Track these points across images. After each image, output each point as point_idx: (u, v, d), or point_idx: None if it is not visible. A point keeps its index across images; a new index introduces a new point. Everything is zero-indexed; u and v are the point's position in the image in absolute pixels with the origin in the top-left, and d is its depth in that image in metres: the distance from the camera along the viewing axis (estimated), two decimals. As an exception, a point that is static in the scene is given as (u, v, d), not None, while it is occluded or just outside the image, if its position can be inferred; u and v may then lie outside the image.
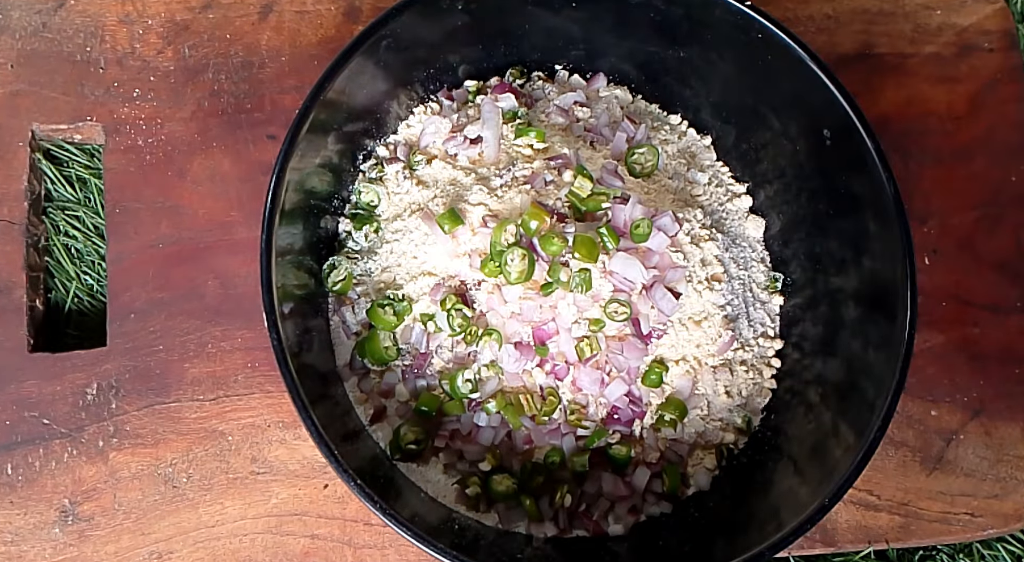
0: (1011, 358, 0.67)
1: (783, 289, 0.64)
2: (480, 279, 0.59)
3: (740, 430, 0.61)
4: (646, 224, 0.58)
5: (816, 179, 0.61)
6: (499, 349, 0.58)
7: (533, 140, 0.61)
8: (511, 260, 0.57)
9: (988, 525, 0.64)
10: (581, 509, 0.59)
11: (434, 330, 0.59)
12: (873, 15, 0.73)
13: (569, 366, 0.59)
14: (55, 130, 0.68)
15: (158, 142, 0.67)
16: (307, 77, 0.68)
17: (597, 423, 0.60)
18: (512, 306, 0.58)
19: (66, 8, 0.69)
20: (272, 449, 0.63)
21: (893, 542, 0.64)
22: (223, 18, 0.69)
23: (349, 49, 0.56)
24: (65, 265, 0.69)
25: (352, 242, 0.62)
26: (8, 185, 0.66)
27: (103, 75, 0.68)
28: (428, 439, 0.59)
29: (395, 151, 0.64)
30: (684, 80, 0.65)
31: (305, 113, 0.55)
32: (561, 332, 0.58)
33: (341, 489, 0.62)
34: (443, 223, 0.58)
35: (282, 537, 0.61)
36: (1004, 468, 0.65)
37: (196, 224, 0.66)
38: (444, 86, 0.65)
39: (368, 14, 0.70)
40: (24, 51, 0.68)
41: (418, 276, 0.60)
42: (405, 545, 0.61)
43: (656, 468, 0.60)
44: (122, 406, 0.63)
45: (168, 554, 0.61)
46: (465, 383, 0.58)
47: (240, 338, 0.64)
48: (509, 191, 0.59)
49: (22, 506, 0.61)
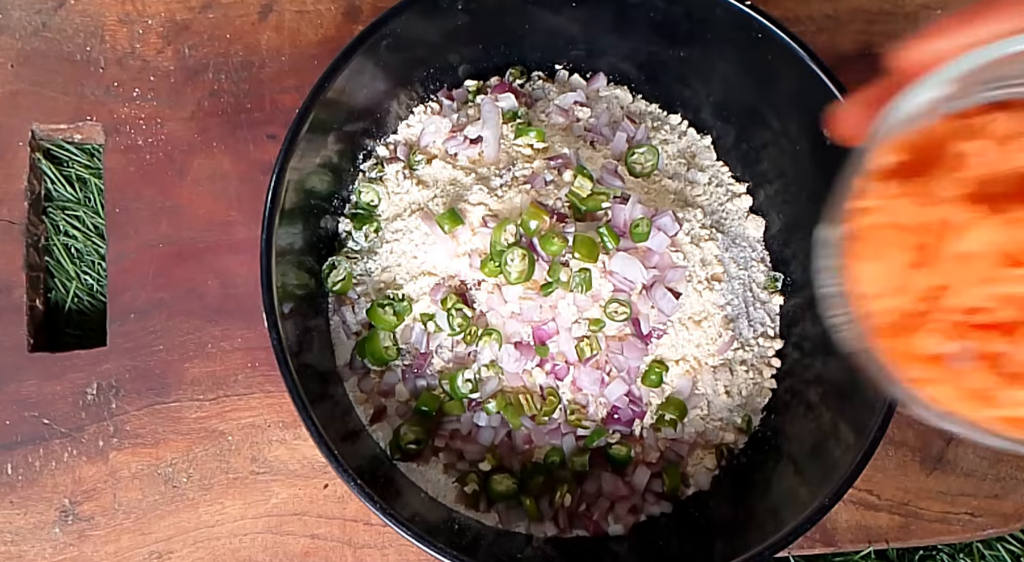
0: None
1: (783, 289, 0.64)
2: (480, 279, 0.59)
3: (740, 430, 0.61)
4: (646, 224, 0.58)
5: (816, 179, 0.61)
6: (499, 349, 0.58)
7: (533, 140, 0.61)
8: (511, 260, 0.57)
9: (988, 525, 0.64)
10: (581, 509, 0.59)
11: (434, 330, 0.59)
12: (873, 15, 0.73)
13: (569, 366, 0.59)
14: (55, 130, 0.68)
15: (158, 142, 0.67)
16: (307, 77, 0.67)
17: (597, 423, 0.60)
18: (512, 306, 0.58)
19: (66, 8, 0.69)
20: (272, 449, 0.63)
21: (893, 542, 0.64)
22: (223, 18, 0.69)
23: (349, 49, 0.56)
24: (65, 265, 0.69)
25: (352, 242, 0.62)
26: (8, 185, 0.66)
27: (103, 75, 0.68)
28: (428, 439, 0.59)
29: (395, 151, 0.64)
30: (684, 80, 0.65)
31: (305, 113, 0.55)
32: (561, 332, 0.58)
33: (341, 489, 0.62)
34: (443, 223, 0.58)
35: (282, 537, 0.61)
36: (1004, 468, 0.65)
37: (196, 224, 0.66)
38: (444, 86, 0.65)
39: (368, 14, 0.70)
40: (24, 51, 0.68)
41: (418, 276, 0.60)
42: (405, 545, 0.61)
43: (656, 468, 0.60)
44: (122, 406, 0.63)
45: (168, 554, 0.61)
46: (465, 383, 0.58)
47: (240, 338, 0.64)
48: (509, 191, 0.59)
49: (22, 506, 0.61)
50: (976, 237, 0.25)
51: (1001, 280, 0.25)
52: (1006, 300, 0.25)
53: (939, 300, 0.26)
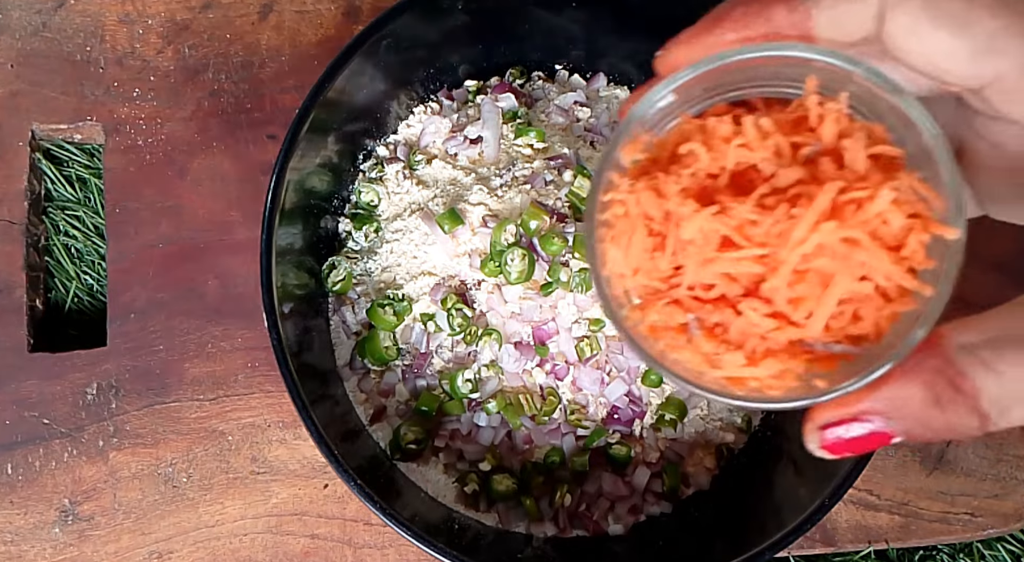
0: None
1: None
2: (480, 279, 0.59)
3: (740, 430, 0.61)
4: (646, 224, 0.58)
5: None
6: (499, 349, 0.58)
7: (533, 140, 0.61)
8: (511, 260, 0.57)
9: (988, 525, 0.64)
10: (581, 509, 0.59)
11: (434, 330, 0.59)
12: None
13: (569, 366, 0.59)
14: (55, 130, 0.68)
15: (158, 142, 0.67)
16: (307, 77, 0.67)
17: (597, 423, 0.60)
18: (512, 306, 0.58)
19: (66, 8, 0.69)
20: (272, 449, 0.63)
21: (893, 542, 0.64)
22: (223, 18, 0.69)
23: (349, 49, 0.56)
24: (65, 265, 0.69)
25: (352, 242, 0.62)
26: (8, 185, 0.66)
27: (103, 75, 0.68)
28: (428, 439, 0.59)
29: (395, 151, 0.64)
30: (684, 80, 0.65)
31: (305, 113, 0.55)
32: (561, 332, 0.58)
33: (341, 489, 0.62)
34: (443, 223, 0.58)
35: (282, 537, 0.61)
36: (1004, 468, 0.65)
37: (196, 224, 0.66)
38: (444, 86, 0.65)
39: (368, 14, 0.70)
40: (24, 51, 0.68)
41: (418, 276, 0.60)
42: (405, 545, 0.61)
43: (656, 468, 0.60)
44: (122, 406, 0.63)
45: (168, 554, 0.61)
46: (465, 383, 0.58)
47: (240, 338, 0.64)
48: (509, 191, 0.59)
49: (22, 506, 0.61)
50: (690, 227, 0.30)
51: (719, 261, 0.30)
52: (725, 278, 0.30)
53: (678, 279, 0.31)
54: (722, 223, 0.29)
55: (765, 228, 0.29)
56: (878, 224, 0.29)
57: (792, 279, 0.29)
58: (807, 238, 0.28)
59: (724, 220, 0.29)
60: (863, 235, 0.29)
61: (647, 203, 0.31)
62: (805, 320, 0.29)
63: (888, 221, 0.29)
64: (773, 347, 0.30)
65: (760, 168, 0.30)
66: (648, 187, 0.31)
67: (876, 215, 0.29)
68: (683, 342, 0.30)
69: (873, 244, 0.29)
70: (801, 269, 0.29)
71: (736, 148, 0.31)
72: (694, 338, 0.30)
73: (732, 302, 0.30)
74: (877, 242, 0.29)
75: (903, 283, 0.29)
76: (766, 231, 0.29)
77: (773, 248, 0.29)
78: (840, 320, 0.29)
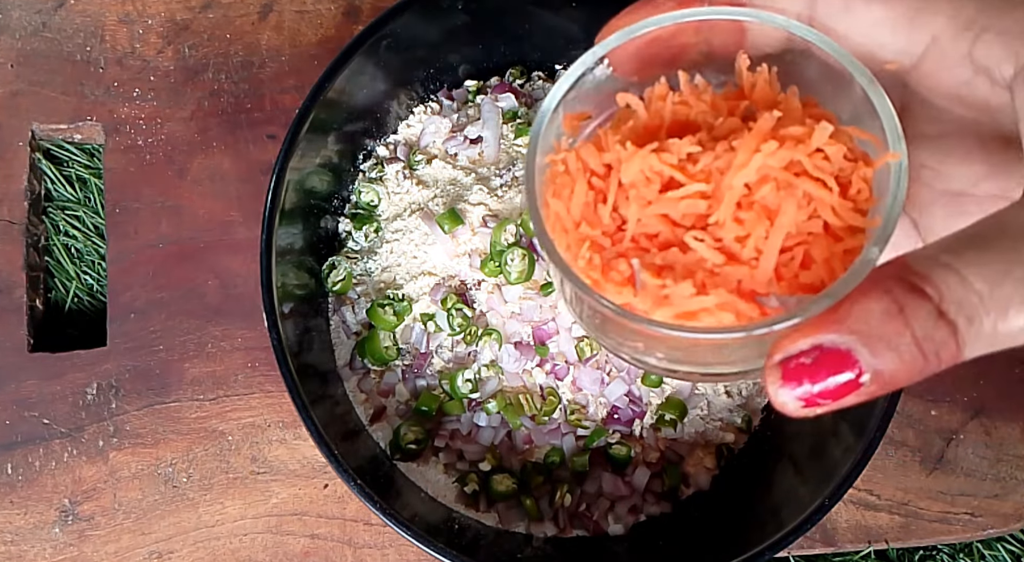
0: (1011, 358, 0.67)
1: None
2: (480, 279, 0.59)
3: (740, 430, 0.61)
4: (646, 224, 0.58)
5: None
6: (499, 349, 0.58)
7: (533, 140, 0.61)
8: (511, 260, 0.57)
9: (988, 525, 0.64)
10: (581, 509, 0.59)
11: (434, 330, 0.59)
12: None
13: (569, 366, 0.59)
14: (55, 130, 0.68)
15: (158, 142, 0.67)
16: (307, 77, 0.67)
17: (597, 423, 0.60)
18: (512, 306, 0.58)
19: (66, 8, 0.69)
20: (272, 449, 0.63)
21: (893, 542, 0.64)
22: (223, 18, 0.69)
23: (349, 49, 0.56)
24: (65, 265, 0.69)
25: (352, 242, 0.62)
26: (8, 185, 0.66)
27: (103, 75, 0.68)
28: (428, 439, 0.59)
29: (395, 151, 0.64)
30: (684, 80, 0.65)
31: (305, 113, 0.55)
32: (561, 332, 0.58)
33: (341, 489, 0.62)
34: (443, 223, 0.58)
35: (282, 537, 0.61)
36: (1004, 468, 0.65)
37: (196, 224, 0.66)
38: (444, 86, 0.65)
39: (368, 14, 0.70)
40: (24, 51, 0.68)
41: (418, 276, 0.60)
42: (405, 545, 0.61)
43: (656, 468, 0.60)
44: (122, 406, 0.63)
45: (168, 554, 0.61)
46: (465, 383, 0.58)
47: (240, 338, 0.64)
48: (509, 191, 0.59)
49: (22, 506, 0.61)
50: (630, 168, 0.29)
51: (661, 201, 0.29)
52: (669, 223, 0.29)
53: (621, 229, 0.30)
54: (663, 161, 0.29)
55: (707, 162, 0.29)
56: (820, 159, 0.28)
57: (737, 212, 0.28)
58: (749, 161, 0.28)
59: (665, 156, 0.29)
60: (806, 159, 0.28)
61: (587, 155, 0.30)
62: (755, 260, 0.28)
63: (829, 157, 0.28)
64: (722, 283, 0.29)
65: (698, 122, 0.30)
66: (592, 143, 0.31)
67: (816, 151, 0.28)
68: (630, 294, 0.29)
69: (817, 171, 0.28)
70: (747, 202, 0.28)
71: (674, 105, 0.31)
72: (640, 280, 0.29)
73: (678, 240, 0.29)
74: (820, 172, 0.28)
75: (851, 220, 0.28)
76: (708, 165, 0.29)
77: (716, 183, 0.29)
78: (791, 267, 0.28)
